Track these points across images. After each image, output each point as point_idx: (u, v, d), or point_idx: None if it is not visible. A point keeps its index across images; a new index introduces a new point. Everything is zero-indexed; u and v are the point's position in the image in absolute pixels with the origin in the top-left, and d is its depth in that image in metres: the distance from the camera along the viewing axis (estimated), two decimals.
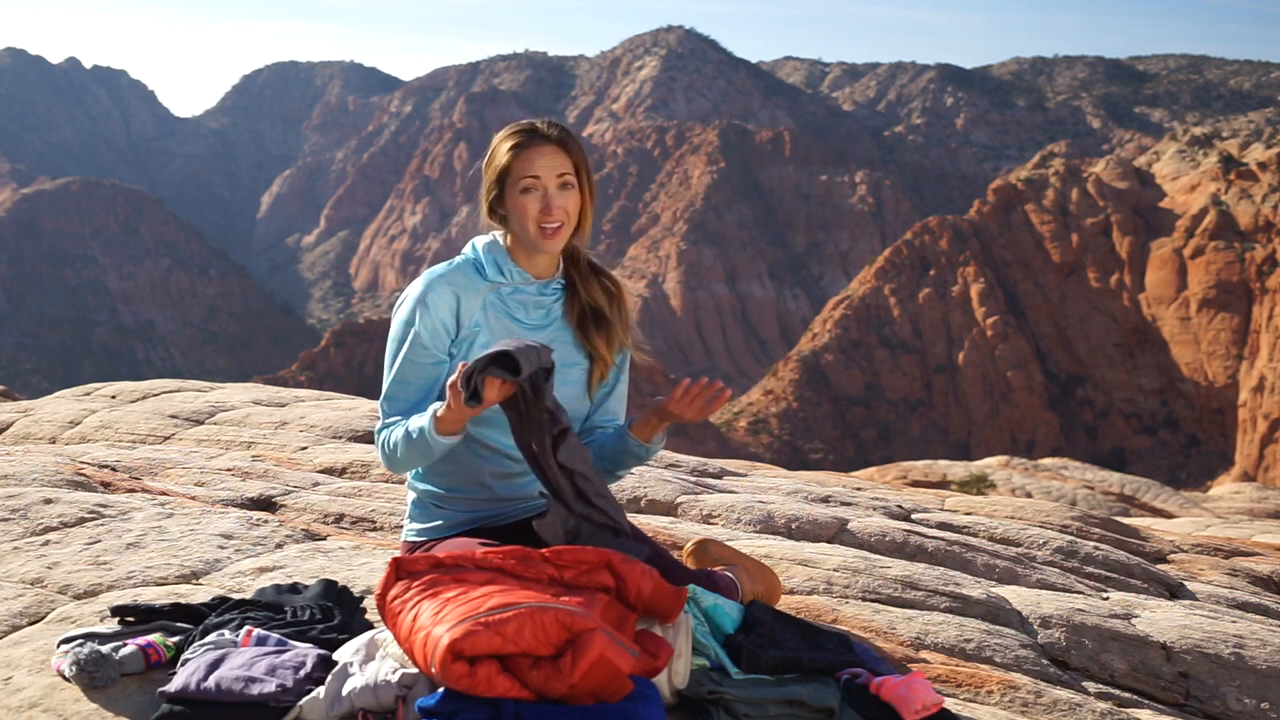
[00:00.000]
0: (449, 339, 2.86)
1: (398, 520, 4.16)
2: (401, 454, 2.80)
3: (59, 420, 6.69)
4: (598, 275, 3.04)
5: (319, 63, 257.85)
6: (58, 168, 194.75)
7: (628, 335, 3.06)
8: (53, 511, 3.74)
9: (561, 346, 2.95)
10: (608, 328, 3.01)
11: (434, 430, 2.71)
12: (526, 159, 2.85)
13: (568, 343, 2.97)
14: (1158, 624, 3.71)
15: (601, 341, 2.99)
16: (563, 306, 2.99)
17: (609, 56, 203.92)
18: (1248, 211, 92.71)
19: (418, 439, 2.75)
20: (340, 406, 7.17)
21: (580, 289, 3.00)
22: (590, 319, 2.99)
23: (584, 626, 2.25)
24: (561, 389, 2.88)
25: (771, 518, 4.60)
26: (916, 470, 17.88)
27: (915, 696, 2.51)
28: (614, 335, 3.02)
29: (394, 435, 2.81)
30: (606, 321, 3.00)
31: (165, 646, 2.60)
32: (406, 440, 2.77)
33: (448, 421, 2.70)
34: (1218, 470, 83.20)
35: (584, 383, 2.99)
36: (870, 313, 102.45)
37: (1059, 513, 6.26)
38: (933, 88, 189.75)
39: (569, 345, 2.97)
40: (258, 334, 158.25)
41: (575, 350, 2.99)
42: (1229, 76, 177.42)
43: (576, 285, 3.00)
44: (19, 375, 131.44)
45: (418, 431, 2.75)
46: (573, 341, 2.98)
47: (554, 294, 2.99)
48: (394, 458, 2.82)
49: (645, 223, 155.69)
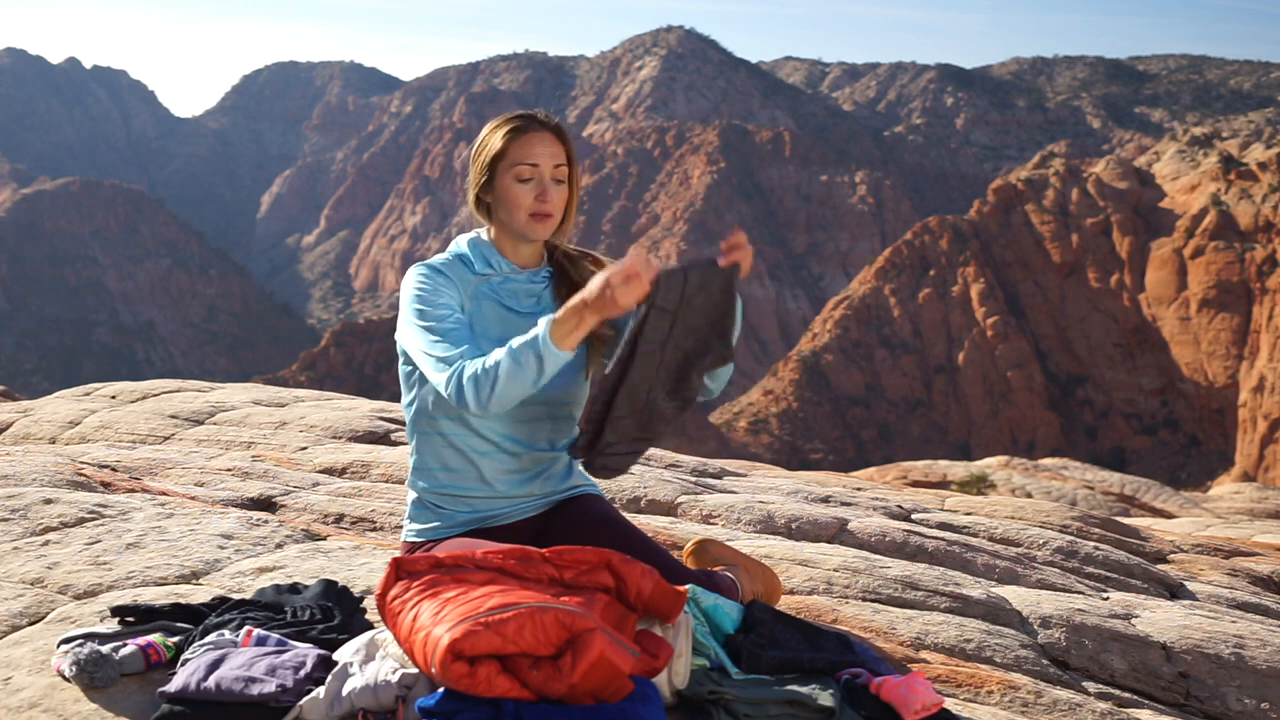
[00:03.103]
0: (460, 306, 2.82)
1: (398, 520, 4.16)
2: (502, 381, 2.58)
3: (59, 420, 6.69)
4: (584, 256, 3.03)
5: (319, 63, 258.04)
6: (58, 168, 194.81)
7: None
8: (53, 511, 3.74)
9: None
10: None
11: (549, 339, 2.54)
12: (525, 144, 2.82)
13: None
14: (1158, 624, 3.71)
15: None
16: (551, 292, 2.97)
17: (609, 56, 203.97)
18: (1248, 211, 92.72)
19: (528, 361, 2.55)
20: (340, 406, 7.18)
21: (570, 271, 2.98)
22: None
23: (584, 626, 2.25)
24: (561, 372, 2.84)
25: (771, 518, 4.60)
26: (916, 470, 17.87)
27: (915, 696, 2.51)
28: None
29: (486, 365, 2.60)
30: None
31: (165, 646, 2.60)
32: (512, 363, 2.57)
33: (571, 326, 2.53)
34: (1218, 470, 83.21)
35: (582, 363, 2.96)
36: (870, 313, 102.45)
37: (1059, 513, 6.26)
38: (933, 88, 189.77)
39: None
40: (258, 334, 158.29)
41: None
42: (1229, 76, 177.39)
43: (566, 269, 2.99)
44: (19, 375, 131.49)
45: (530, 346, 2.56)
46: None
47: (543, 282, 2.98)
48: (487, 387, 2.60)
49: (645, 223, 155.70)
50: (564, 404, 2.95)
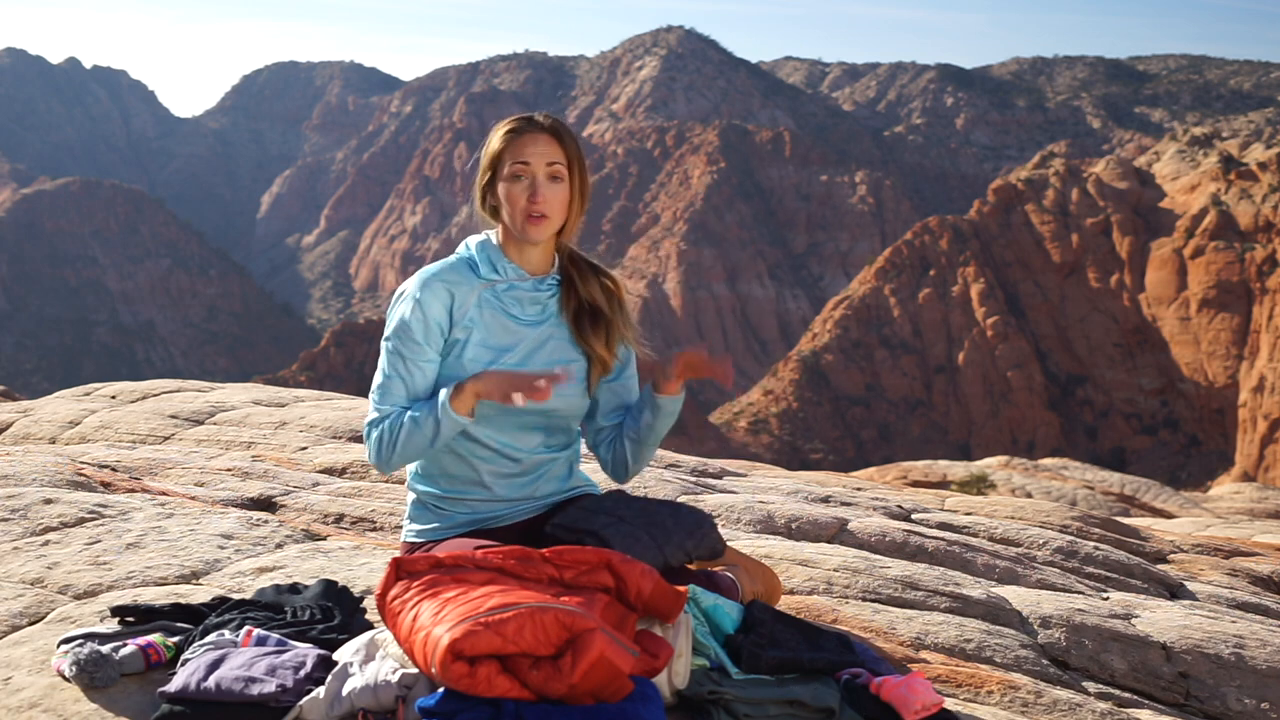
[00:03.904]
0: (443, 337, 2.84)
1: (398, 520, 4.16)
2: (401, 442, 2.77)
3: (59, 420, 6.69)
4: (596, 273, 3.01)
5: (319, 63, 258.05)
6: (58, 168, 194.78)
7: (628, 330, 3.03)
8: (53, 511, 3.74)
9: (558, 342, 2.94)
10: (606, 326, 2.98)
11: (449, 405, 2.72)
12: (519, 145, 2.84)
13: (564, 339, 2.95)
14: (1158, 624, 3.71)
15: (599, 341, 2.96)
16: (558, 302, 2.97)
17: (609, 56, 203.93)
18: (1248, 211, 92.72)
19: (425, 420, 2.74)
20: (340, 406, 7.17)
21: (579, 285, 2.97)
22: (587, 316, 2.96)
23: (584, 626, 2.25)
24: (562, 390, 2.87)
25: (771, 518, 4.60)
26: (916, 470, 17.87)
27: (915, 696, 2.51)
28: (613, 334, 2.99)
29: (390, 424, 2.78)
30: (604, 319, 2.97)
31: (165, 646, 2.60)
32: (412, 425, 2.75)
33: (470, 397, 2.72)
34: (1218, 470, 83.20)
35: (583, 379, 2.97)
36: (870, 313, 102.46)
37: (1059, 513, 6.26)
38: (933, 88, 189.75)
39: (565, 341, 2.95)
40: (258, 334, 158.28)
41: (572, 347, 2.96)
42: (1229, 76, 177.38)
43: (575, 282, 2.97)
44: (19, 375, 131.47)
45: (428, 410, 2.74)
46: (569, 338, 2.96)
47: (549, 289, 2.96)
48: (389, 447, 2.78)
49: (645, 223, 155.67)
50: (564, 418, 2.97)
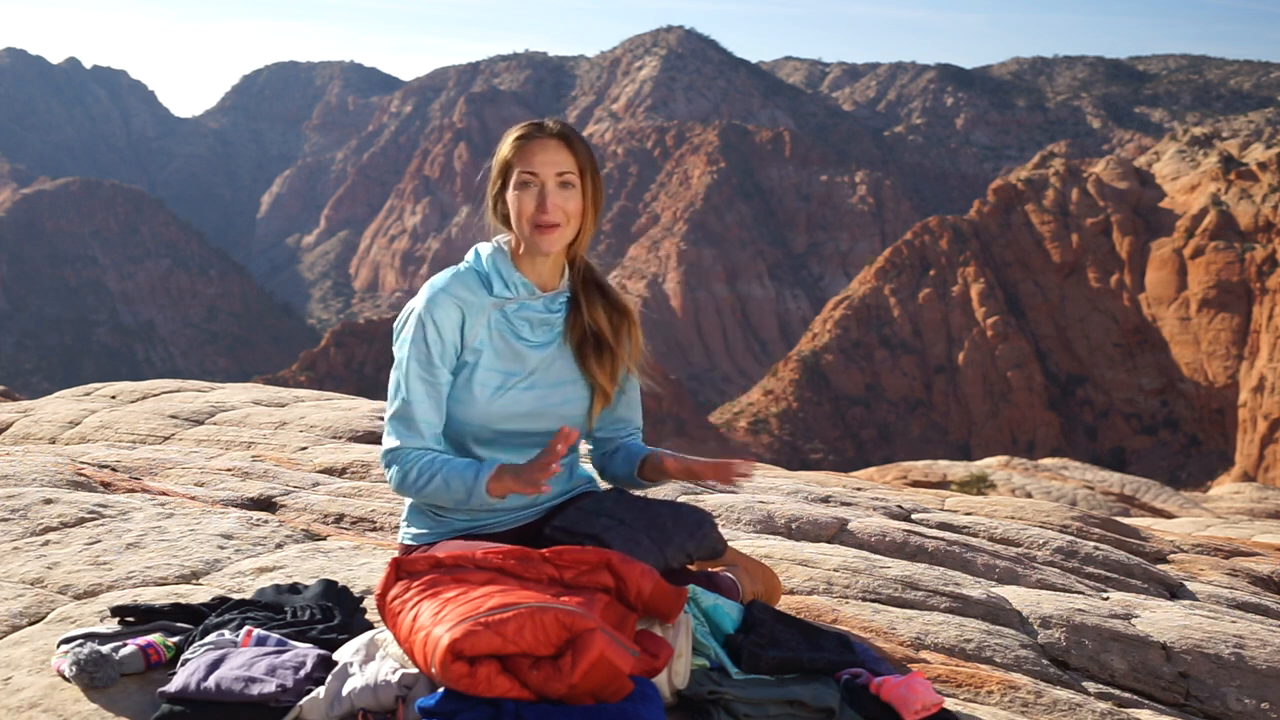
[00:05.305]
0: (455, 356, 2.78)
1: (397, 520, 4.16)
2: (427, 492, 2.72)
3: (59, 420, 6.69)
4: (604, 295, 2.93)
5: (319, 63, 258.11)
6: (58, 168, 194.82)
7: (635, 361, 2.95)
8: (53, 511, 3.74)
9: (564, 364, 2.87)
10: (610, 357, 2.89)
11: (484, 490, 2.66)
12: (528, 152, 2.78)
13: (569, 360, 2.88)
14: (1158, 624, 3.71)
15: (601, 371, 2.88)
16: (565, 323, 2.89)
17: (609, 56, 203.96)
18: (1248, 211, 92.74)
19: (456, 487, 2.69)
20: (340, 407, 7.17)
21: (583, 309, 2.89)
22: (590, 344, 2.87)
23: (584, 626, 2.24)
24: (561, 408, 2.84)
25: (771, 518, 4.59)
26: (916, 470, 17.86)
27: (915, 696, 2.51)
28: (616, 365, 2.90)
29: (420, 469, 2.72)
30: (608, 350, 2.88)
31: (165, 646, 2.60)
32: (443, 485, 2.70)
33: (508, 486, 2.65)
34: (1218, 470, 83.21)
35: (586, 402, 2.90)
36: (870, 313, 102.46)
37: (1059, 513, 6.26)
38: (933, 88, 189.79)
39: (570, 363, 2.88)
40: (258, 334, 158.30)
41: (576, 369, 2.89)
42: (1229, 76, 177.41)
43: (579, 304, 2.89)
44: (19, 375, 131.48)
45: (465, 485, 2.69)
46: (573, 361, 2.89)
47: (560, 309, 2.88)
48: (412, 488, 2.74)
49: (645, 223, 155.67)
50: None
